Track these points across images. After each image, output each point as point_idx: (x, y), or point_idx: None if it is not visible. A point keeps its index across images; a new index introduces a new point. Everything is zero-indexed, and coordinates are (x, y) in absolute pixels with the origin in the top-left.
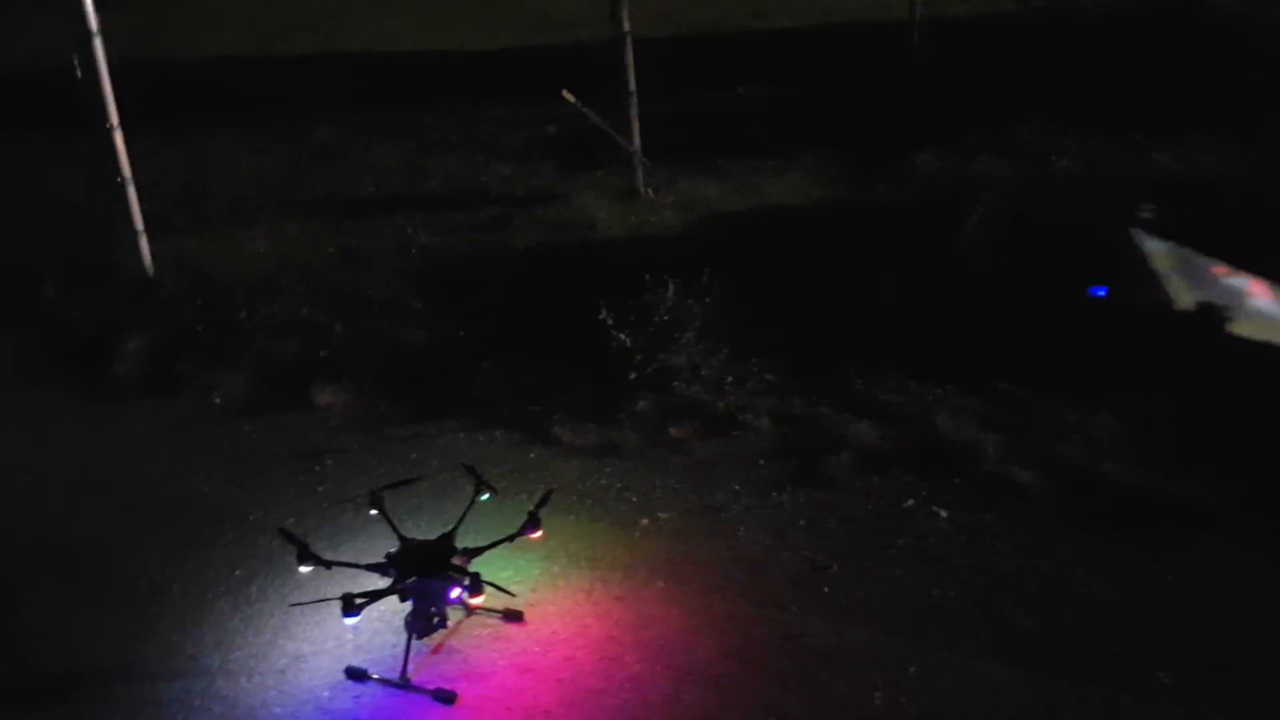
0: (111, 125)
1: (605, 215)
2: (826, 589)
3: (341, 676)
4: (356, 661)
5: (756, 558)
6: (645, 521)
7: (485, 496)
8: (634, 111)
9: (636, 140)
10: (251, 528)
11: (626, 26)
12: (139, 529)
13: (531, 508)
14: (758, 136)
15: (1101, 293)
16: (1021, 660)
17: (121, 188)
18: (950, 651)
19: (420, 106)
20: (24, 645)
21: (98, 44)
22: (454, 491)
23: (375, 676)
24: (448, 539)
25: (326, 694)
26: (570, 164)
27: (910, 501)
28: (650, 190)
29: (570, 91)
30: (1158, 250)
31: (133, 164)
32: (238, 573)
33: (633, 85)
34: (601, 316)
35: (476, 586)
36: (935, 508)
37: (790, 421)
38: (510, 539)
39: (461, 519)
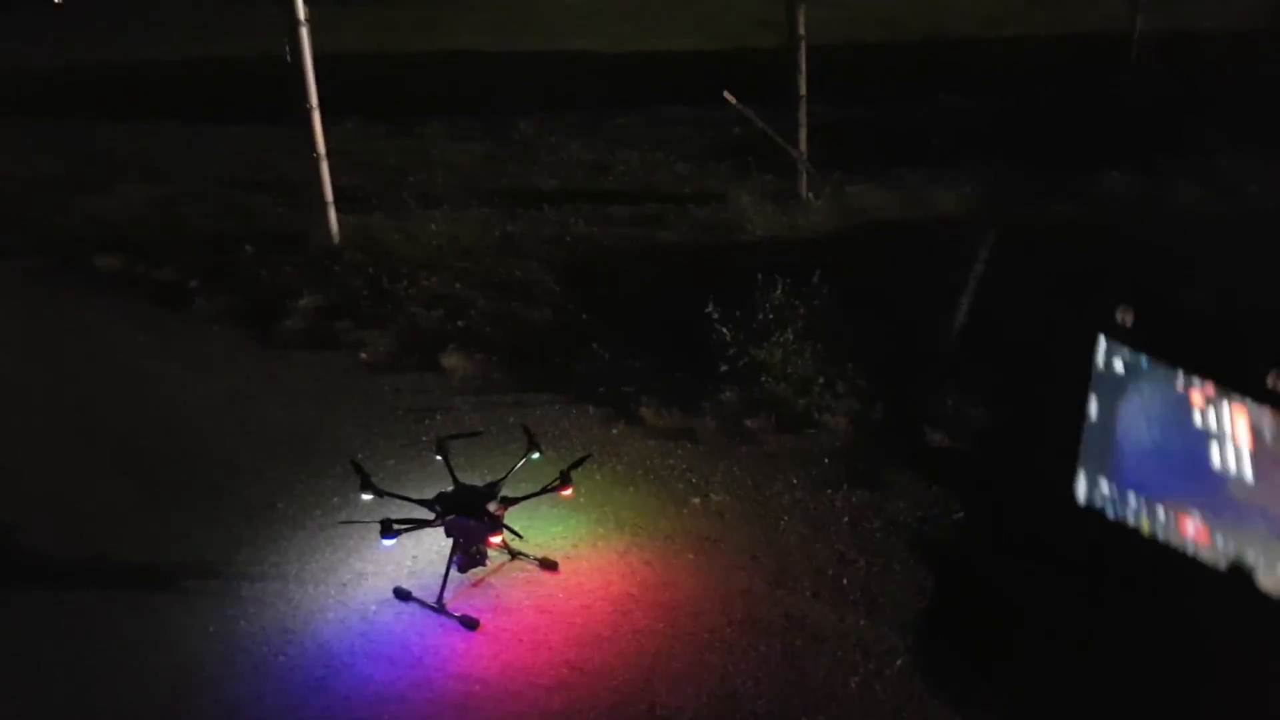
0: (310, 106)
1: (759, 217)
2: (845, 581)
3: (390, 595)
4: (405, 585)
5: (789, 545)
6: (697, 500)
7: (536, 456)
8: (802, 116)
9: (803, 144)
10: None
11: (802, 30)
12: (266, 457)
13: (564, 467)
14: (939, 146)
15: None
16: None
17: (316, 163)
18: (942, 653)
19: (621, 107)
20: (148, 541)
21: (304, 32)
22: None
23: (416, 598)
24: (493, 487)
25: (374, 608)
26: (743, 167)
27: (960, 514)
28: (812, 195)
29: (732, 94)
30: (1116, 368)
31: (347, 146)
32: (334, 500)
33: (803, 89)
34: (709, 310)
35: (495, 526)
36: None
37: (866, 426)
38: (542, 492)
39: (509, 472)
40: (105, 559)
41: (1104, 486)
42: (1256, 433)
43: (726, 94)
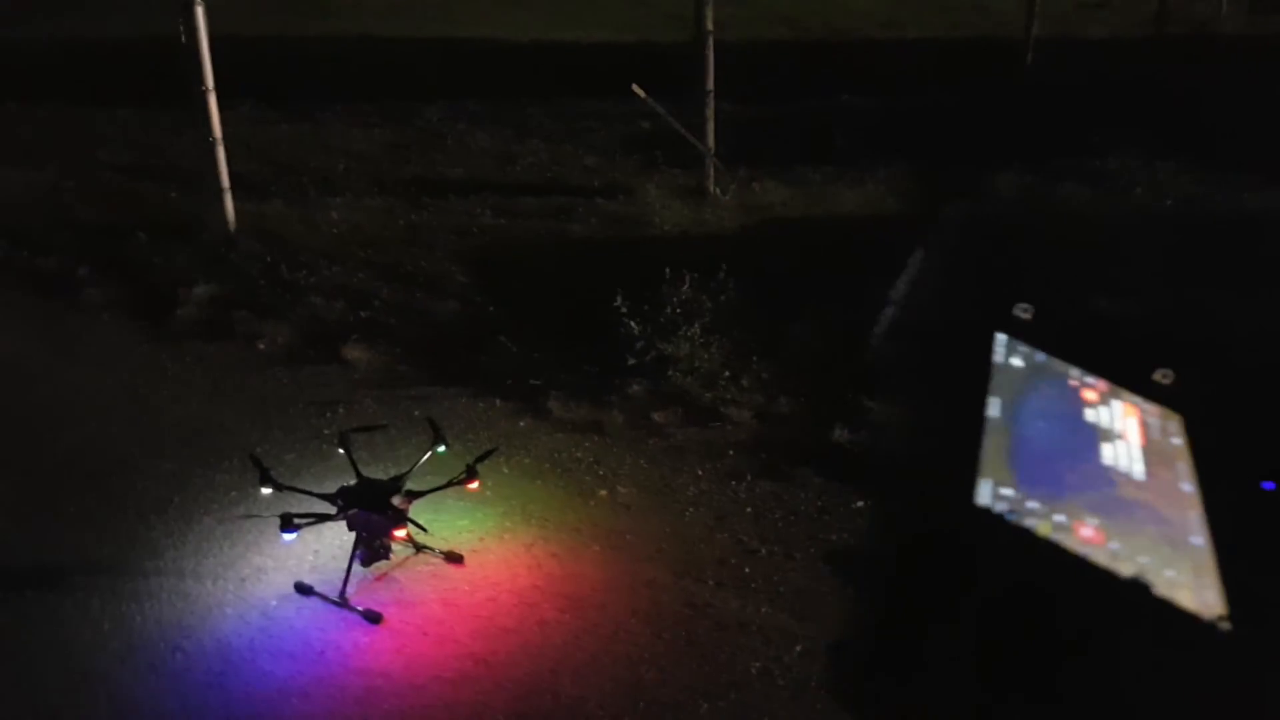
0: (206, 88)
1: (667, 212)
2: (748, 569)
3: (291, 590)
4: (307, 579)
5: (694, 536)
6: (604, 493)
7: (442, 449)
8: (709, 112)
9: (710, 140)
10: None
11: (709, 25)
12: (160, 452)
13: (470, 461)
14: (844, 146)
15: (1270, 487)
16: None
17: (211, 148)
18: (838, 640)
19: (528, 97)
20: (36, 540)
21: (199, 11)
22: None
23: (318, 592)
24: (396, 481)
25: (274, 603)
26: (652, 161)
27: (860, 504)
28: (719, 191)
29: (640, 87)
30: (1015, 364)
31: (242, 132)
32: (231, 494)
33: (710, 85)
34: (616, 304)
35: (399, 520)
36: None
37: (771, 419)
38: (447, 485)
39: (414, 466)
40: None
41: (1004, 490)
42: (1146, 429)
43: (635, 87)
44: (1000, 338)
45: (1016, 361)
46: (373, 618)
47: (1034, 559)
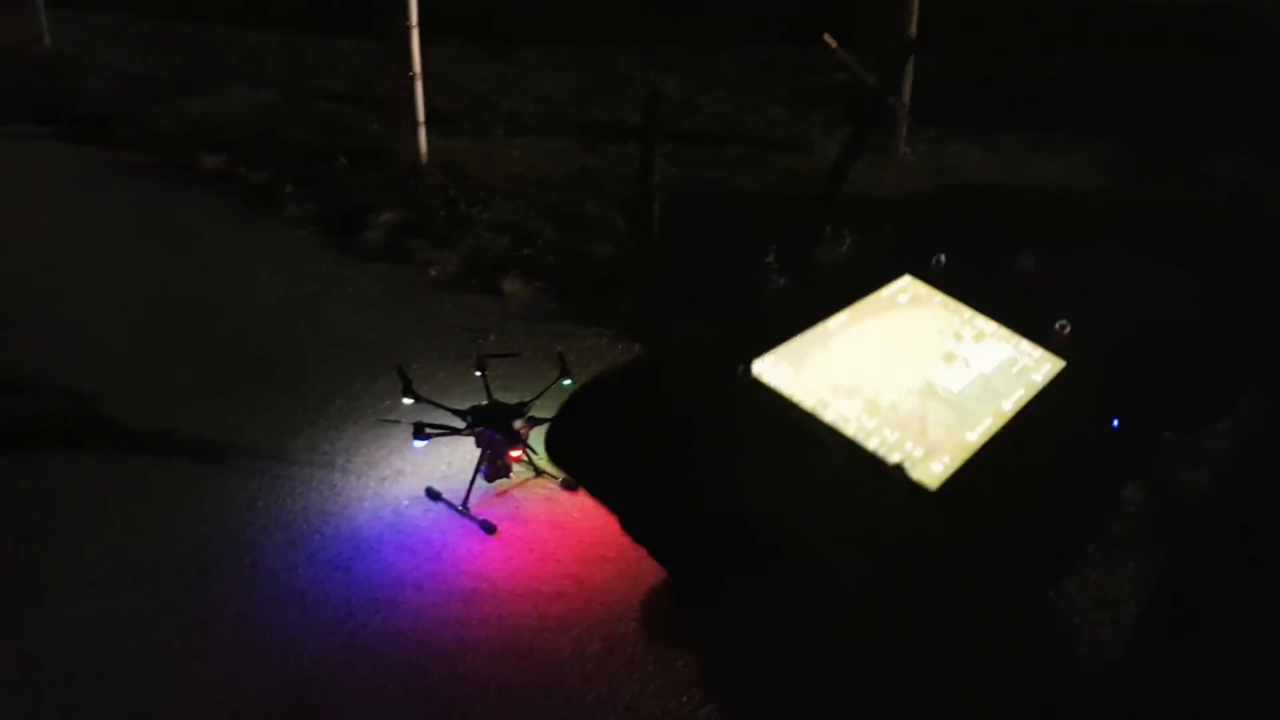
0: (410, 24)
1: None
2: None
3: (422, 494)
4: (437, 486)
5: None
6: None
7: (567, 382)
8: (909, 66)
9: (906, 97)
10: (414, 373)
11: None
12: (330, 357)
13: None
14: (1050, 112)
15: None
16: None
17: (410, 83)
18: None
19: (722, 44)
20: (214, 421)
21: None
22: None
23: (444, 499)
24: (522, 406)
25: (406, 503)
26: (841, 115)
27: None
28: (908, 150)
29: (833, 38)
30: (900, 300)
31: (447, 68)
32: (386, 402)
33: (912, 34)
34: (768, 260)
35: (516, 441)
36: None
37: None
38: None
39: (539, 395)
40: (169, 434)
41: (784, 367)
42: (1008, 364)
43: (827, 37)
44: (904, 279)
45: (902, 299)
46: (488, 528)
47: (765, 411)
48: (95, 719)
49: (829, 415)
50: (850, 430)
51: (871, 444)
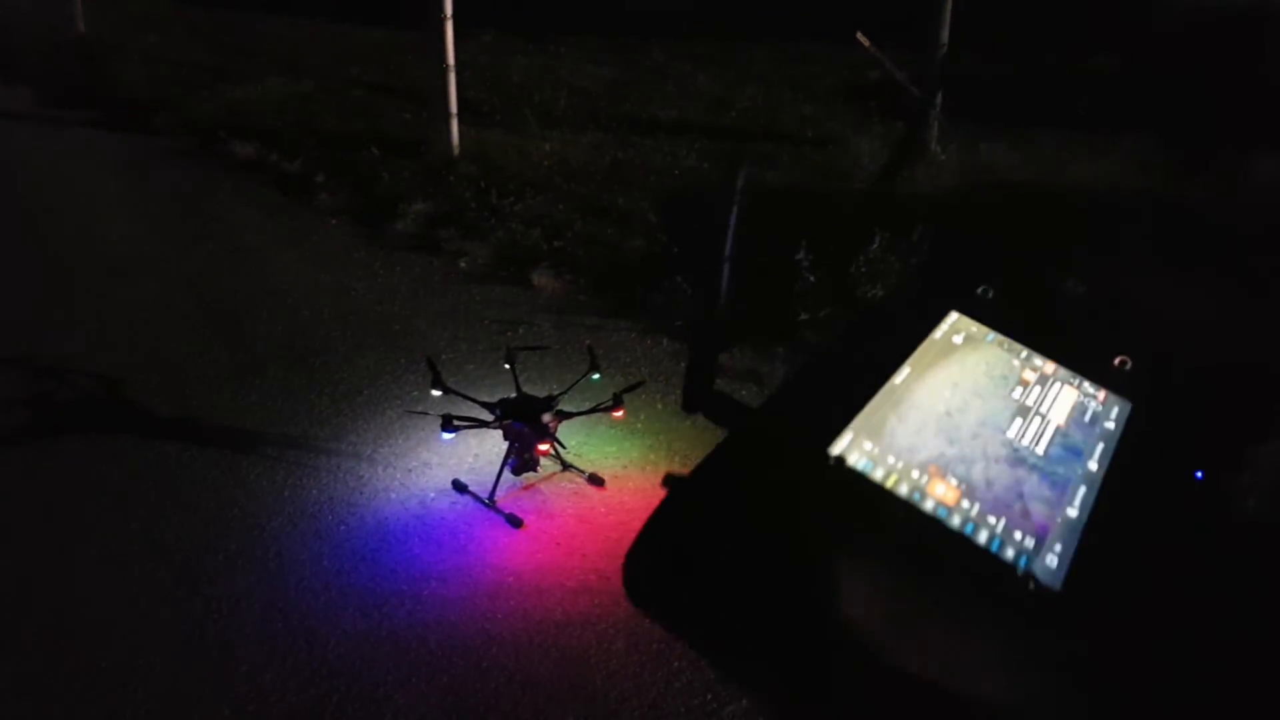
0: (445, 17)
1: (876, 167)
2: None
3: (449, 486)
4: (464, 479)
5: None
6: None
7: (595, 377)
8: (940, 65)
9: (938, 96)
10: (443, 364)
11: None
12: (359, 346)
13: (618, 390)
14: (1085, 111)
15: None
16: None
17: (444, 74)
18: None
19: (756, 39)
20: (241, 406)
21: None
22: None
23: (471, 492)
24: (550, 400)
25: (432, 495)
26: (872, 111)
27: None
28: (939, 149)
29: (865, 36)
30: (954, 341)
31: (481, 59)
32: (414, 394)
33: (944, 38)
34: (799, 257)
35: (544, 435)
36: None
37: None
38: (593, 411)
39: (567, 389)
40: (199, 419)
41: (866, 444)
42: (1078, 411)
43: (859, 35)
44: (951, 315)
45: (957, 339)
46: (515, 522)
47: (860, 502)
48: (120, 703)
49: (928, 505)
50: (955, 522)
51: (981, 538)
